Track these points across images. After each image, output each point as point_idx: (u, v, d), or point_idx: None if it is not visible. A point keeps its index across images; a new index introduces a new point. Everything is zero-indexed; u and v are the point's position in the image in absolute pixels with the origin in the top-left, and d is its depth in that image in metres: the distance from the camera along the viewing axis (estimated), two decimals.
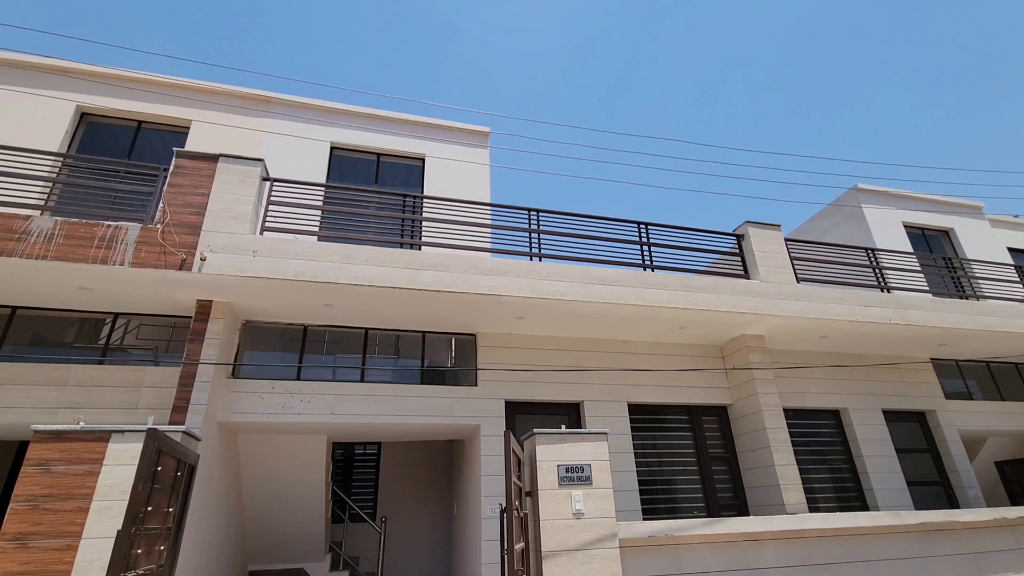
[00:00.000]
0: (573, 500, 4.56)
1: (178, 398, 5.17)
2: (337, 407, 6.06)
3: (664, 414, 7.44)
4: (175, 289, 5.44)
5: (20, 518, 3.53)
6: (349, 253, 5.56)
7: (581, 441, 4.80)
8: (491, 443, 6.38)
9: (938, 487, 8.03)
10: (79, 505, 3.64)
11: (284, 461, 6.70)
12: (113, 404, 5.54)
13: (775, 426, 6.81)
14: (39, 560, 3.47)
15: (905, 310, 7.28)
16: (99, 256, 4.91)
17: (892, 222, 10.24)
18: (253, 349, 6.30)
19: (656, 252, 6.99)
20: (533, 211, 6.71)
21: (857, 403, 8.03)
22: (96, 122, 7.46)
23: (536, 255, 6.51)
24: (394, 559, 8.60)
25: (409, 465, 9.52)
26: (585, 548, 4.41)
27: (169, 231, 5.16)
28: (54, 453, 3.72)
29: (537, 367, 6.82)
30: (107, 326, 6.14)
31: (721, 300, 6.56)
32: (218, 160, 5.64)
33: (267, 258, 5.30)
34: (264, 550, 7.29)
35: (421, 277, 5.65)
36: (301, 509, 7.07)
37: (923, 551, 5.28)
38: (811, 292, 7.03)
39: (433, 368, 6.87)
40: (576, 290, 6.09)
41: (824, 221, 10.99)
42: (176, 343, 6.16)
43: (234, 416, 5.75)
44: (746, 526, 4.97)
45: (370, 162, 8.28)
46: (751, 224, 7.39)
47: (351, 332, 6.65)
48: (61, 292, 5.48)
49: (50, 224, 4.89)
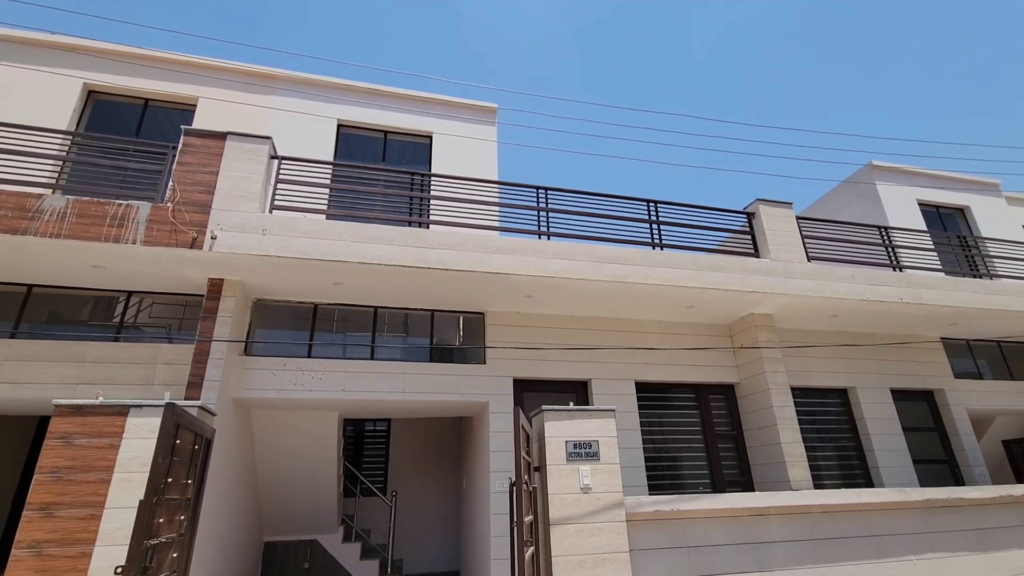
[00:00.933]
0: (581, 475, 4.63)
1: (192, 374, 5.27)
2: (348, 384, 6.14)
3: (671, 392, 7.48)
4: (186, 267, 5.49)
5: (45, 489, 3.65)
6: (358, 232, 5.57)
7: (589, 418, 4.85)
8: (499, 420, 6.46)
9: (944, 465, 8.06)
10: (101, 477, 3.75)
11: (297, 437, 6.83)
12: (129, 380, 5.66)
13: (782, 404, 6.84)
14: (65, 529, 3.59)
15: (917, 289, 7.22)
16: (111, 235, 4.95)
17: (906, 200, 10.07)
18: (264, 327, 6.38)
19: (665, 230, 6.94)
20: (541, 189, 6.67)
21: (865, 382, 8.02)
22: (103, 100, 7.44)
23: (544, 233, 6.49)
24: (404, 532, 8.81)
25: (418, 441, 9.69)
26: (592, 521, 4.49)
27: (179, 209, 5.19)
28: (75, 427, 3.82)
29: (545, 345, 6.86)
30: (121, 304, 6.23)
31: (730, 279, 6.53)
32: (226, 138, 5.63)
33: (277, 236, 5.32)
34: (279, 522, 7.49)
35: (429, 256, 5.66)
36: (314, 483, 7.23)
37: (927, 527, 5.34)
38: (821, 271, 6.97)
39: (442, 346, 6.93)
40: (584, 269, 6.08)
41: (837, 199, 10.83)
42: (189, 321, 6.24)
43: (247, 392, 5.85)
44: (751, 501, 5.03)
45: (377, 140, 8.23)
46: (762, 202, 7.31)
47: (360, 311, 6.70)
48: (75, 270, 5.55)
49: (62, 203, 4.93)
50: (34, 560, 3.48)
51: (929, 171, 10.55)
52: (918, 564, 5.16)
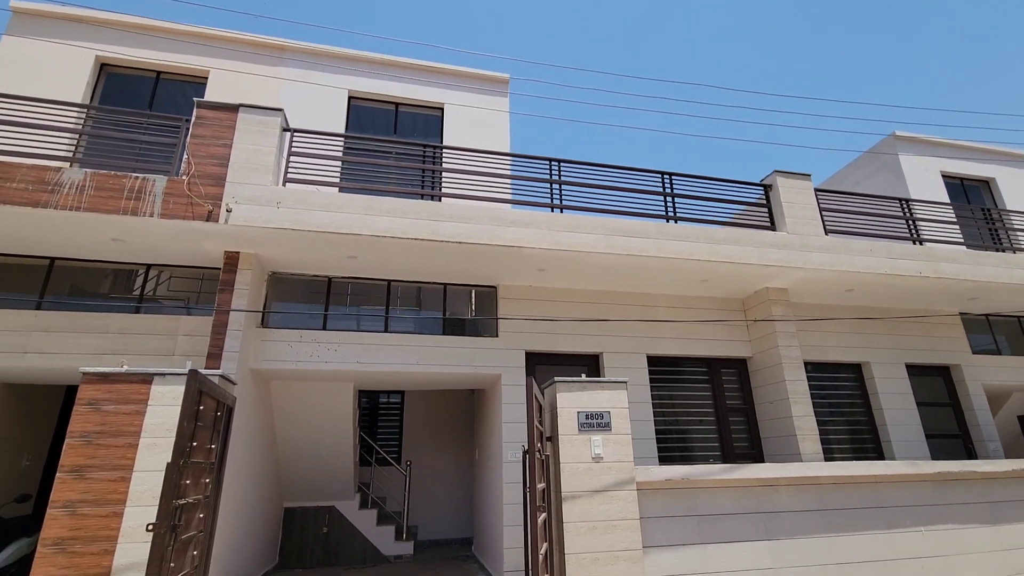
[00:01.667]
0: (592, 445, 4.70)
1: (212, 345, 5.39)
2: (363, 356, 6.25)
3: (683, 366, 7.50)
4: (203, 240, 5.56)
5: (76, 452, 3.80)
6: (371, 205, 5.58)
7: (601, 389, 4.89)
8: (512, 392, 6.55)
9: (957, 440, 8.04)
10: (128, 441, 3.90)
11: (313, 407, 7.00)
12: (151, 351, 5.81)
13: (795, 378, 6.83)
14: (96, 490, 3.75)
15: (937, 263, 7.08)
16: (129, 207, 5.02)
17: (930, 172, 9.80)
18: (280, 300, 6.47)
19: (680, 203, 6.85)
20: (554, 161, 6.59)
21: (880, 357, 7.97)
22: (116, 73, 7.44)
23: (557, 206, 6.44)
24: (419, 500, 9.07)
25: (432, 413, 9.87)
26: (603, 490, 4.57)
27: (195, 182, 5.23)
28: (102, 393, 3.95)
29: (557, 317, 6.88)
30: (140, 277, 6.36)
31: (746, 252, 6.46)
32: (238, 110, 5.62)
33: (291, 209, 5.35)
34: (298, 489, 7.74)
35: (443, 229, 5.66)
36: (330, 452, 7.44)
37: (938, 499, 5.35)
38: (839, 244, 6.86)
39: (455, 319, 6.99)
40: (598, 242, 6.05)
41: (857, 171, 10.57)
42: (206, 295, 6.35)
43: (265, 363, 5.98)
44: (761, 472, 5.08)
45: (388, 112, 8.16)
46: (780, 174, 7.16)
47: (374, 284, 6.76)
48: (95, 243, 5.65)
49: (80, 176, 4.99)
50: (68, 519, 3.65)
51: (954, 141, 10.22)
52: (927, 535, 5.20)
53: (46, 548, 3.56)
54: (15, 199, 4.79)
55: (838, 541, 4.96)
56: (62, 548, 3.58)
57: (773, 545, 4.81)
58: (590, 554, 4.37)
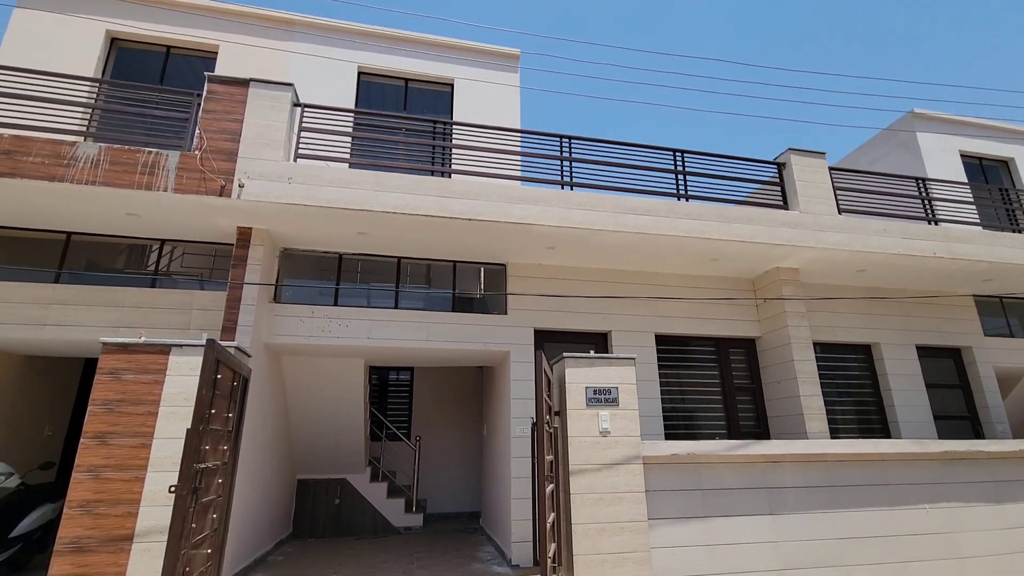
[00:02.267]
0: (600, 419, 4.76)
1: (226, 319, 5.48)
2: (373, 332, 6.33)
3: (691, 346, 7.53)
4: (216, 215, 5.61)
5: (98, 419, 3.92)
6: (381, 180, 5.59)
7: (609, 366, 4.94)
8: (520, 369, 6.62)
9: (965, 422, 8.04)
10: (148, 410, 4.01)
11: (325, 382, 7.12)
12: (167, 325, 5.92)
13: (803, 358, 6.84)
14: (118, 455, 3.88)
15: (951, 243, 6.99)
16: (143, 182, 5.07)
17: (948, 151, 9.61)
18: (291, 276, 6.54)
19: (691, 181, 6.80)
20: (565, 138, 6.54)
21: (890, 338, 7.94)
22: (127, 48, 7.43)
23: (568, 184, 6.42)
24: (428, 475, 9.25)
25: (440, 390, 10.00)
26: (610, 463, 4.65)
27: (207, 157, 5.26)
28: (122, 363, 4.05)
29: (566, 294, 6.90)
30: (154, 253, 6.44)
31: (757, 231, 6.42)
32: (249, 85, 5.61)
33: (302, 185, 5.38)
34: (310, 461, 7.93)
35: (452, 205, 5.67)
36: (342, 426, 7.59)
37: (943, 478, 5.39)
38: (852, 224, 6.78)
39: (464, 296, 7.04)
40: (608, 220, 6.03)
41: (874, 150, 10.39)
42: (220, 271, 6.43)
43: (278, 338, 6.08)
44: (767, 448, 5.13)
45: (398, 88, 8.10)
46: (793, 151, 7.06)
47: (384, 261, 6.80)
48: (110, 218, 5.72)
49: (95, 150, 5.03)
50: (93, 482, 3.79)
51: (973, 120, 9.99)
52: (932, 513, 5.25)
53: (72, 510, 3.70)
54: (32, 173, 4.85)
55: (841, 517, 5.02)
56: (87, 510, 3.72)
57: (777, 519, 4.88)
58: (596, 524, 4.47)
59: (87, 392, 4.10)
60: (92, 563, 3.61)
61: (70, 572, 3.58)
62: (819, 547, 4.88)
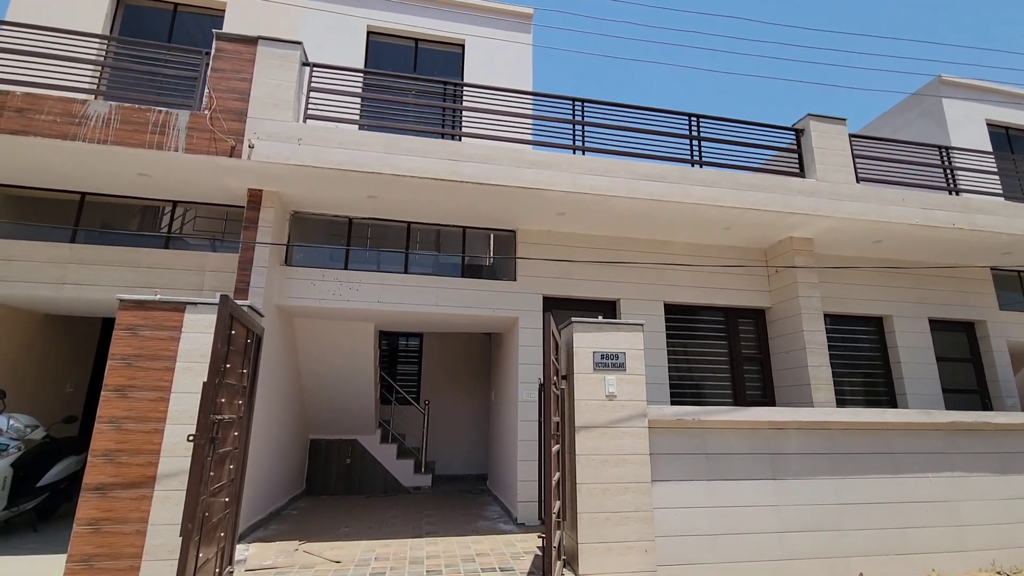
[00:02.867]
0: (606, 383, 4.81)
1: (239, 281, 5.56)
2: (383, 296, 6.38)
3: (700, 315, 7.52)
4: (227, 177, 5.62)
5: (118, 373, 4.03)
6: (391, 143, 5.54)
7: (617, 331, 4.96)
8: (528, 335, 6.67)
9: (975, 395, 8.02)
10: (165, 365, 4.11)
11: (336, 345, 7.24)
12: (181, 285, 6.01)
13: (813, 329, 6.81)
14: (138, 408, 4.00)
15: (972, 214, 6.84)
16: (154, 142, 5.07)
17: (974, 119, 9.29)
18: (302, 240, 6.58)
19: (706, 147, 6.66)
20: (577, 101, 6.41)
21: (902, 311, 7.86)
22: (133, 5, 7.33)
23: (580, 148, 6.32)
24: (436, 438, 9.46)
25: (449, 356, 10.14)
26: (616, 425, 4.72)
27: (217, 117, 5.24)
28: (139, 319, 4.14)
29: (575, 259, 6.88)
30: (167, 215, 6.50)
31: (772, 199, 6.31)
32: (257, 43, 5.53)
33: (311, 147, 5.35)
34: (322, 422, 8.13)
35: (462, 169, 5.62)
36: (353, 388, 7.75)
37: (948, 448, 5.41)
38: (869, 193, 6.64)
39: (473, 263, 7.05)
40: (619, 185, 5.96)
41: (897, 118, 10.07)
42: (231, 235, 6.48)
43: (289, 300, 6.16)
44: (772, 415, 5.17)
45: (408, 49, 7.94)
46: (813, 117, 6.86)
47: (394, 226, 6.81)
48: (123, 178, 5.76)
49: (106, 109, 5.03)
50: (115, 433, 3.92)
51: (1002, 87, 9.61)
52: (935, 481, 5.29)
53: (96, 458, 3.85)
54: (45, 131, 4.87)
55: (844, 483, 5.08)
56: (110, 459, 3.87)
57: (779, 484, 4.95)
58: (600, 484, 4.57)
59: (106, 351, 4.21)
60: (116, 508, 3.78)
61: (96, 516, 3.75)
62: (820, 511, 4.96)
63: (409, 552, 4.93)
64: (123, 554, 3.73)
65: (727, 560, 4.67)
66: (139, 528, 3.78)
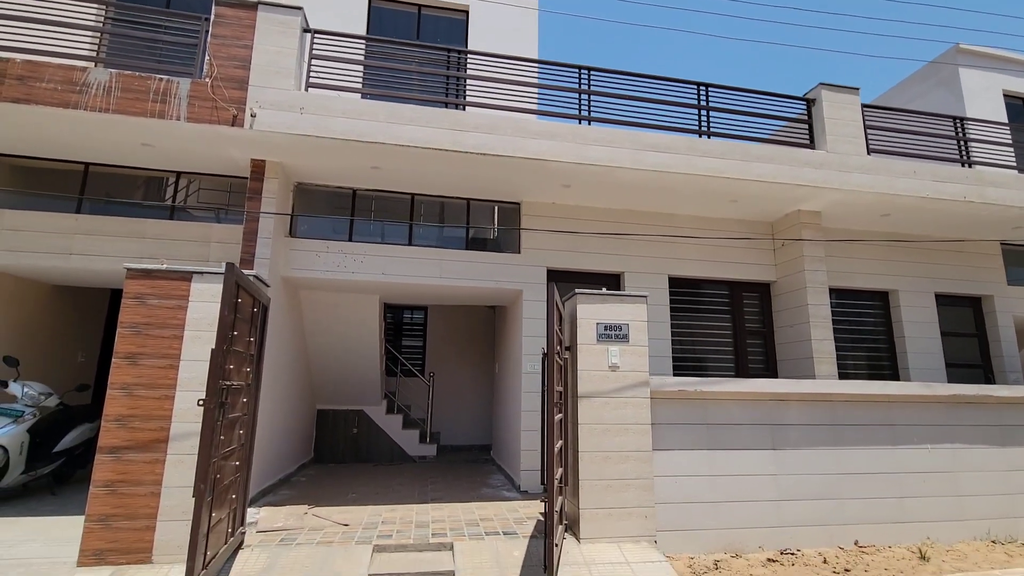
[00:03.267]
0: (610, 354, 4.85)
1: (244, 251, 5.58)
2: (387, 268, 6.40)
3: (704, 289, 7.51)
4: (230, 147, 5.59)
5: (127, 341, 4.09)
6: (394, 112, 5.47)
7: (621, 302, 4.97)
8: (532, 307, 6.69)
9: (978, 370, 8.03)
10: (174, 333, 4.17)
11: (342, 318, 7.30)
12: (187, 256, 6.04)
13: (817, 302, 6.80)
14: (148, 375, 4.07)
15: (984, 187, 6.73)
16: (156, 110, 5.03)
17: (990, 90, 9.06)
18: (306, 212, 6.56)
19: (715, 118, 6.54)
20: (583, 69, 6.28)
21: (909, 285, 7.82)
22: None
23: (585, 119, 6.22)
24: (441, 409, 9.60)
25: (454, 329, 10.21)
26: (618, 395, 4.78)
27: (218, 85, 5.17)
28: (146, 288, 4.18)
29: (580, 231, 6.84)
30: (171, 186, 6.48)
31: (779, 171, 6.22)
32: (257, 8, 5.43)
33: (314, 115, 5.29)
34: (329, 393, 8.26)
35: (466, 139, 5.56)
36: (359, 360, 7.84)
37: (949, 420, 5.45)
38: (880, 165, 6.53)
39: (477, 235, 7.03)
40: (625, 156, 5.88)
41: (912, 88, 9.84)
42: (236, 208, 6.47)
43: (294, 272, 6.18)
44: (774, 386, 5.20)
45: (410, 15, 7.77)
46: (825, 87, 6.71)
47: (398, 198, 6.78)
48: (126, 148, 5.73)
49: (106, 76, 4.97)
50: (126, 399, 4.00)
51: (1021, 56, 9.33)
52: (934, 453, 5.34)
53: (109, 423, 3.94)
54: (46, 99, 4.84)
55: (843, 454, 5.14)
56: (123, 423, 3.95)
57: (779, 454, 5.02)
58: (602, 452, 4.64)
59: (115, 323, 4.26)
60: (131, 471, 3.88)
61: (111, 478, 3.86)
62: (818, 481, 5.03)
63: (415, 516, 5.06)
64: (139, 514, 3.85)
65: (726, 527, 4.78)
66: (153, 490, 3.89)
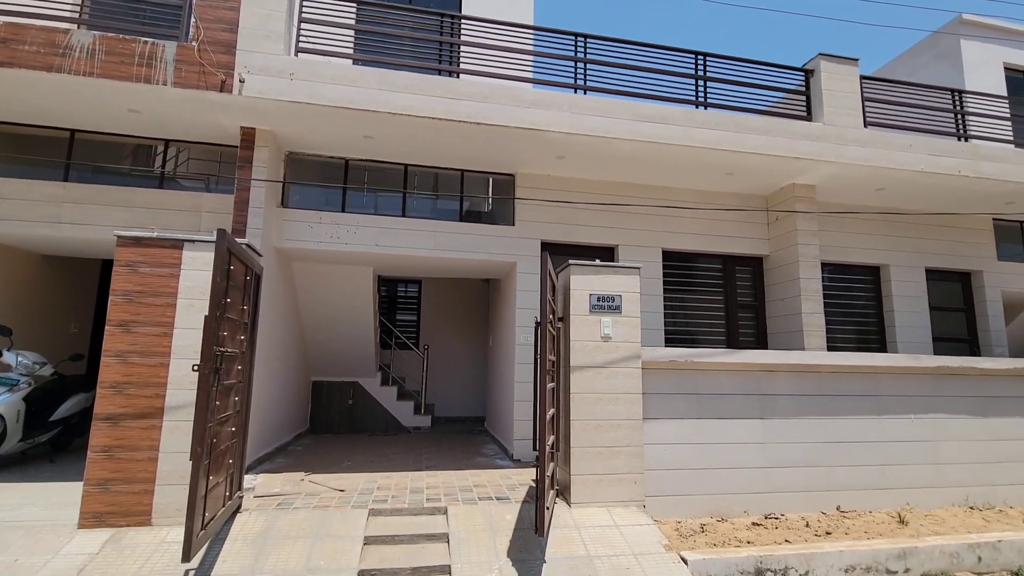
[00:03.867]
0: (602, 325, 4.89)
1: (235, 221, 5.52)
2: (381, 239, 6.37)
3: (697, 262, 7.53)
4: (218, 113, 5.48)
5: (120, 309, 4.09)
6: (386, 79, 5.37)
7: (614, 274, 4.99)
8: (526, 279, 6.70)
9: (964, 344, 8.17)
10: (167, 301, 4.16)
11: (335, 290, 7.29)
12: (178, 226, 5.97)
13: (809, 276, 6.85)
14: (143, 343, 4.08)
15: (979, 161, 6.72)
16: (141, 74, 4.91)
17: (991, 63, 8.97)
18: (298, 182, 6.48)
19: (712, 88, 6.46)
20: (580, 36, 6.16)
21: (900, 260, 7.88)
22: None
23: (581, 88, 6.13)
24: (435, 381, 9.69)
25: (447, 302, 10.24)
26: (610, 365, 4.84)
27: (205, 49, 5.04)
28: (137, 256, 4.15)
29: (574, 202, 6.82)
30: (160, 155, 6.38)
31: (775, 143, 6.18)
32: None
33: (304, 82, 5.19)
34: (323, 365, 8.31)
35: (460, 108, 5.48)
36: (353, 332, 7.87)
37: (933, 391, 5.57)
38: (876, 138, 6.50)
39: (472, 207, 6.99)
40: (621, 127, 5.82)
41: (913, 60, 9.72)
42: (226, 176, 6.38)
43: (287, 243, 6.15)
44: (763, 357, 5.29)
45: None
46: (824, 57, 6.62)
47: (391, 168, 6.70)
48: (112, 114, 5.61)
49: (89, 39, 4.84)
50: (121, 366, 4.02)
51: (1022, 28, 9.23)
52: (916, 422, 5.48)
53: (104, 390, 3.96)
54: (29, 62, 4.71)
55: (829, 423, 5.26)
56: (119, 390, 3.98)
57: (767, 423, 5.13)
58: (593, 421, 4.73)
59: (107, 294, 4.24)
60: (127, 436, 3.93)
61: (109, 443, 3.90)
62: (804, 448, 5.16)
63: (410, 483, 5.16)
64: (136, 479, 3.91)
65: (714, 492, 4.91)
66: (151, 455, 3.95)
